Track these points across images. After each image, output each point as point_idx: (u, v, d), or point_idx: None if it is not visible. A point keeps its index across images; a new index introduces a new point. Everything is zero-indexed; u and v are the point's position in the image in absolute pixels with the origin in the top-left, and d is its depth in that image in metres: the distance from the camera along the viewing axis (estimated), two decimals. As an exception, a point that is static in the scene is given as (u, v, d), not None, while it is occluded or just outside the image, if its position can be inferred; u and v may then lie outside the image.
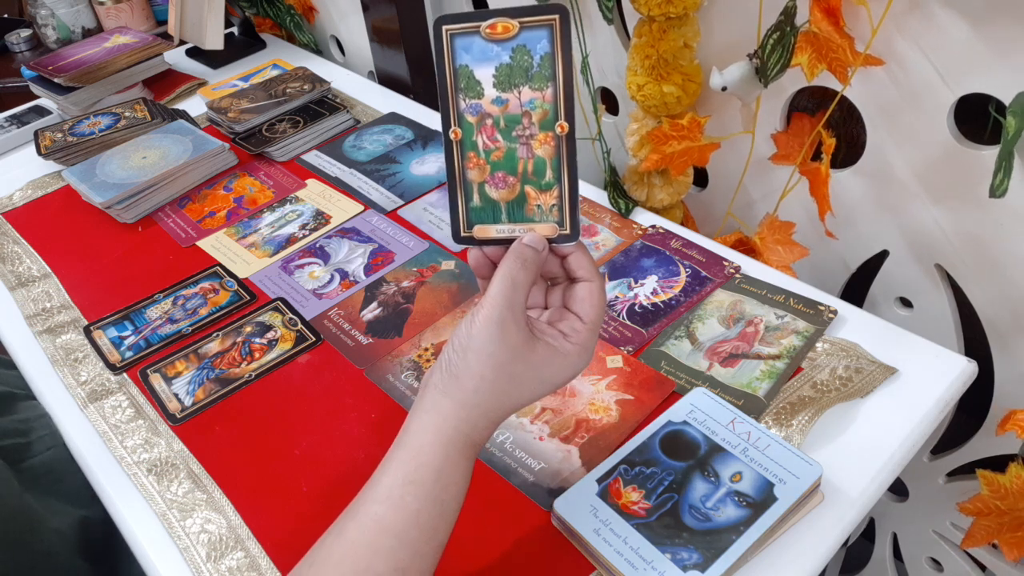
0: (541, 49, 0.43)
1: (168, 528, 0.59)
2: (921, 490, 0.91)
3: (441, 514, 0.43)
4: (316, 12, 1.40)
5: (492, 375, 0.43)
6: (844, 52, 0.68)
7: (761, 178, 0.88)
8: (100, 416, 0.69)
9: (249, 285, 0.82)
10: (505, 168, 0.45)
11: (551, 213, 0.45)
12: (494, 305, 0.43)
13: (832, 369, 0.65)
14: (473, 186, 0.45)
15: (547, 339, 0.45)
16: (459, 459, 0.44)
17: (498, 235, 0.46)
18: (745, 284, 0.74)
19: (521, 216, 0.45)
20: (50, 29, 1.56)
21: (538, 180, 0.45)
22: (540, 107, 0.43)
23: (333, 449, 0.64)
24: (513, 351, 0.43)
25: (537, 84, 0.43)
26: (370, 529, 0.42)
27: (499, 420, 0.45)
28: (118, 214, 0.93)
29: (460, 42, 0.43)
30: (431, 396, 0.44)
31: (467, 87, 0.44)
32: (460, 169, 0.45)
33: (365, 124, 1.09)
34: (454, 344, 0.44)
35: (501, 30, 0.43)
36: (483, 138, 0.45)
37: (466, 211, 0.46)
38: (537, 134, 0.44)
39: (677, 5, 0.74)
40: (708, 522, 0.52)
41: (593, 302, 0.45)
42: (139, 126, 1.05)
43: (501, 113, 0.44)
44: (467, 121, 0.44)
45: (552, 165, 0.44)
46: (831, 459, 0.58)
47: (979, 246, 0.72)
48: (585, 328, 0.45)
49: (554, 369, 0.45)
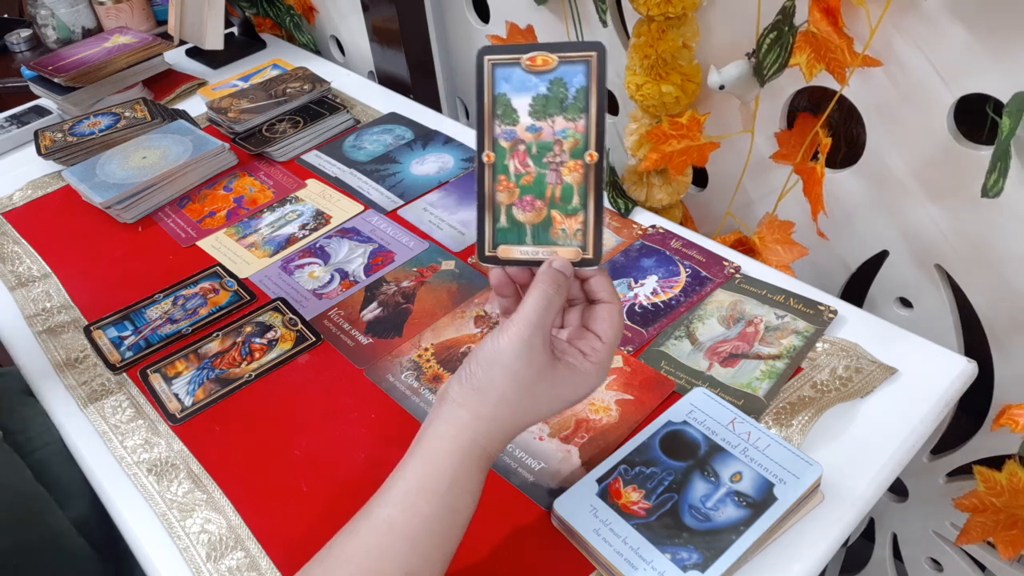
0: (577, 82, 0.45)
1: (168, 528, 0.59)
2: (921, 490, 0.91)
3: (452, 522, 0.44)
4: (316, 12, 1.40)
5: (514, 392, 0.44)
6: (843, 52, 0.68)
7: (760, 178, 0.88)
8: (100, 416, 0.69)
9: (249, 285, 0.82)
10: (534, 192, 0.47)
11: (575, 237, 0.47)
12: (526, 324, 0.44)
13: (832, 369, 0.65)
14: (501, 208, 0.47)
15: (567, 358, 0.46)
16: (473, 469, 0.45)
17: (522, 256, 0.47)
18: (745, 284, 0.74)
19: (546, 239, 0.47)
20: (50, 29, 1.56)
21: (565, 205, 0.46)
22: (572, 136, 0.45)
23: (333, 449, 0.64)
24: (538, 370, 0.45)
25: (571, 115, 0.45)
26: (382, 531, 0.43)
27: (515, 434, 0.46)
28: (118, 214, 0.93)
29: (500, 72, 0.46)
30: (449, 407, 0.45)
31: (504, 114, 0.46)
32: (490, 191, 0.47)
33: (365, 124, 1.09)
34: (478, 358, 0.45)
35: (541, 63, 0.45)
36: (515, 163, 0.47)
37: (492, 231, 0.47)
38: (567, 161, 0.46)
39: (676, 5, 0.74)
40: (708, 522, 0.52)
41: (612, 323, 0.47)
42: (139, 126, 1.05)
43: (534, 140, 0.46)
44: (501, 146, 0.47)
45: (579, 192, 0.46)
46: (831, 459, 0.58)
47: (979, 246, 0.72)
48: (604, 348, 0.47)
49: (572, 387, 0.46)
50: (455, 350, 0.71)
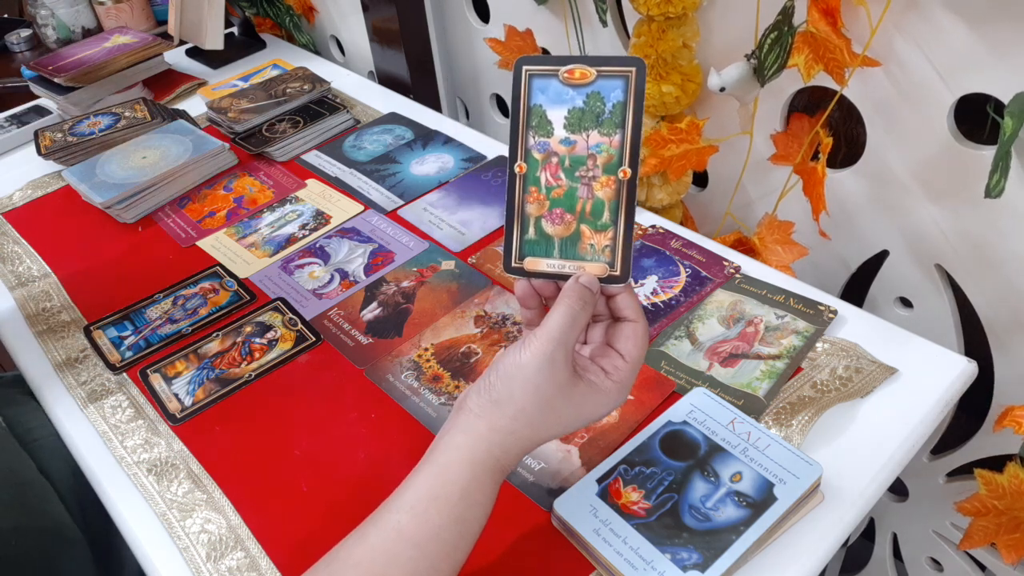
0: (615, 97, 0.45)
1: (168, 528, 0.59)
2: (921, 490, 0.91)
3: (462, 533, 0.44)
4: (316, 12, 1.40)
5: (534, 407, 0.44)
6: (841, 53, 0.68)
7: (760, 178, 0.88)
8: (100, 416, 0.69)
9: (249, 285, 0.82)
10: (564, 206, 0.46)
11: (603, 253, 0.46)
12: (550, 339, 0.43)
13: (832, 369, 0.65)
14: (530, 220, 0.47)
15: (589, 376, 0.46)
16: (486, 480, 0.44)
17: (548, 269, 0.47)
18: (745, 284, 0.74)
19: (573, 253, 0.46)
20: (50, 29, 1.56)
21: (594, 220, 0.46)
22: (606, 151, 0.45)
23: (333, 449, 0.64)
24: (558, 387, 0.44)
25: (606, 129, 0.45)
26: (391, 537, 0.43)
27: (530, 449, 0.46)
28: (118, 214, 0.93)
29: (537, 83, 0.46)
30: (466, 417, 0.45)
31: (538, 125, 0.46)
32: (520, 202, 0.47)
33: (365, 124, 1.09)
34: (498, 370, 0.45)
35: (579, 76, 0.45)
36: (547, 175, 0.46)
37: (520, 243, 0.47)
38: (600, 176, 0.46)
39: (676, 5, 0.74)
40: (708, 522, 0.52)
41: (636, 342, 0.46)
42: (139, 126, 1.05)
43: (567, 153, 0.46)
44: (533, 157, 0.46)
45: (610, 207, 0.46)
46: (831, 459, 0.58)
47: (979, 246, 0.72)
48: (627, 367, 0.46)
49: (592, 406, 0.46)
50: (455, 350, 0.71)
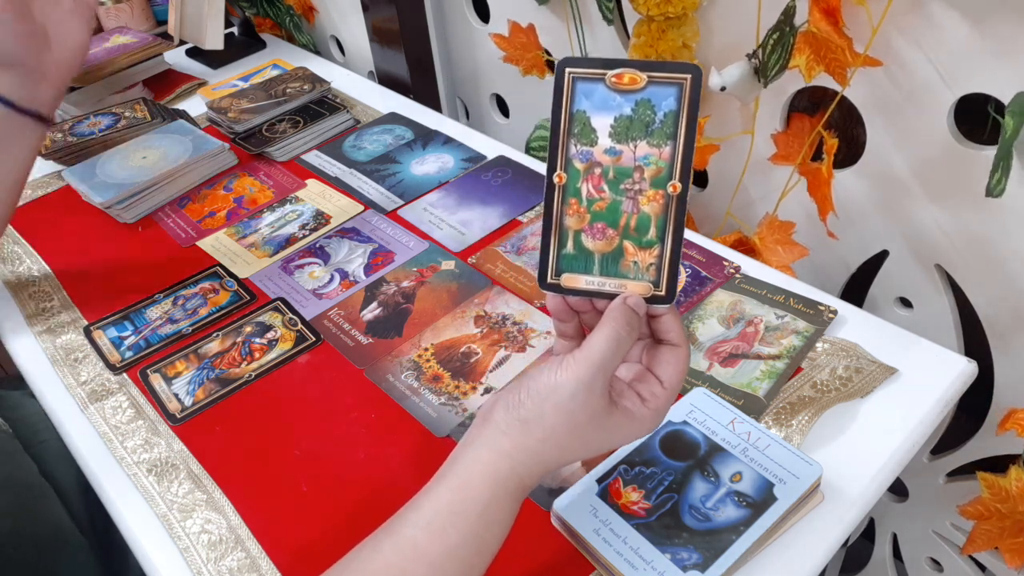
0: (667, 106, 0.42)
1: (168, 529, 0.59)
2: (921, 490, 0.91)
3: (479, 551, 0.42)
4: (316, 12, 1.40)
5: (564, 432, 0.42)
6: (843, 53, 0.68)
7: (760, 178, 0.88)
8: (100, 417, 0.69)
9: (249, 285, 0.82)
10: (606, 220, 0.43)
11: (647, 272, 0.43)
12: (590, 364, 0.41)
13: (832, 369, 0.65)
14: (569, 233, 0.44)
15: (624, 402, 0.43)
16: (507, 499, 0.42)
17: (587, 287, 0.44)
18: (745, 284, 0.74)
19: (615, 271, 0.43)
20: (50, 29, 1.56)
21: (639, 237, 0.43)
22: (655, 164, 0.42)
23: (333, 449, 0.64)
24: (592, 415, 0.42)
25: (656, 140, 0.42)
26: (406, 554, 0.41)
27: (554, 469, 0.44)
28: (118, 214, 0.93)
29: (582, 87, 0.42)
30: (491, 432, 0.43)
31: (581, 133, 0.43)
32: (558, 214, 0.44)
33: (365, 124, 1.09)
34: (530, 388, 0.42)
35: (628, 81, 0.42)
36: (588, 186, 0.43)
37: (557, 257, 0.44)
38: (647, 190, 0.43)
39: (676, 5, 0.74)
40: (708, 522, 0.52)
41: (678, 368, 0.44)
42: (139, 126, 1.05)
43: (612, 164, 0.43)
44: (574, 167, 0.43)
45: (657, 224, 0.43)
46: (831, 459, 0.58)
47: (979, 246, 0.72)
48: (664, 394, 0.44)
49: (624, 433, 0.44)
50: (455, 350, 0.71)
